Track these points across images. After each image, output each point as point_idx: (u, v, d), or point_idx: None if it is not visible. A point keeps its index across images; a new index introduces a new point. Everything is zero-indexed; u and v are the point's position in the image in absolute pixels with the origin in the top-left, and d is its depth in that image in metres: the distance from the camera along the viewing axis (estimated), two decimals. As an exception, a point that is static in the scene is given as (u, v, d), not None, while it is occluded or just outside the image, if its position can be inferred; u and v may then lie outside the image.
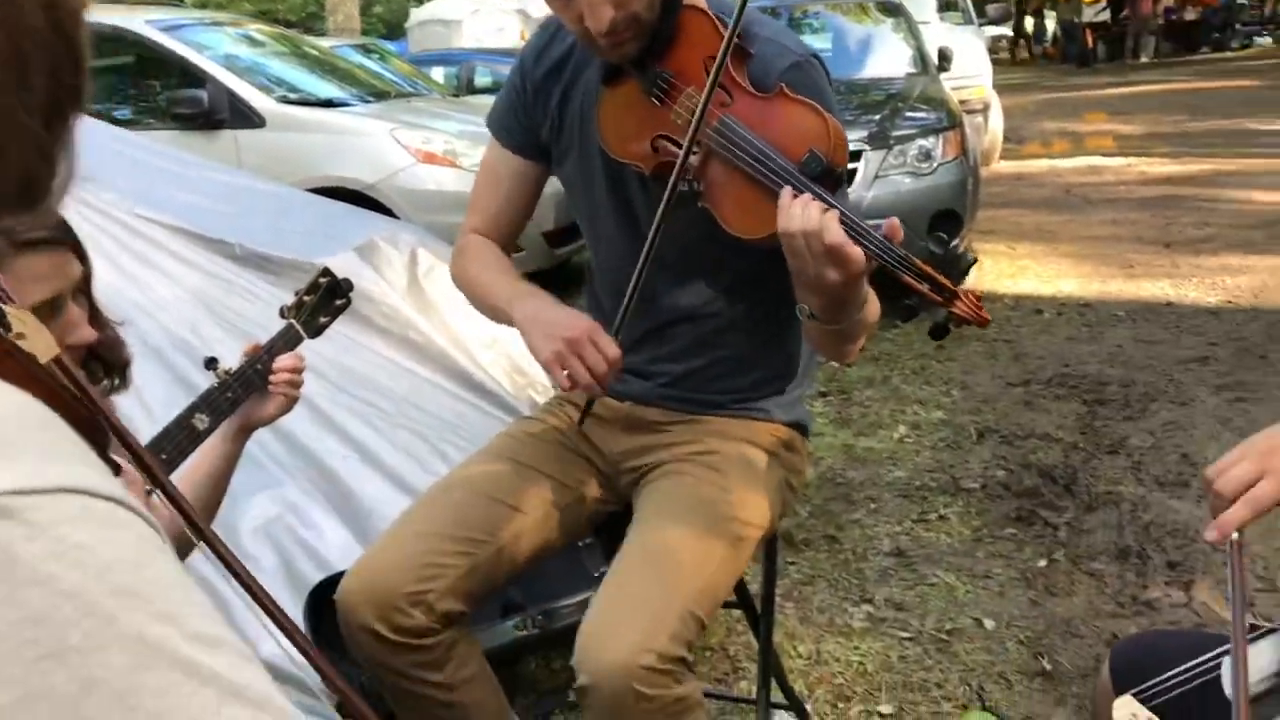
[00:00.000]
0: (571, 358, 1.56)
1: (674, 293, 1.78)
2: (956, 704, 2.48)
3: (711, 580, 1.60)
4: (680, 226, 1.69)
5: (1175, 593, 2.94)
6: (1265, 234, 7.56)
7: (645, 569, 1.57)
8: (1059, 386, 4.69)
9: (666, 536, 1.62)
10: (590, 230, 1.85)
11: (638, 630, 1.47)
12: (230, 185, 3.98)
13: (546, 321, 1.61)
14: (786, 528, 3.36)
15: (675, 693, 1.48)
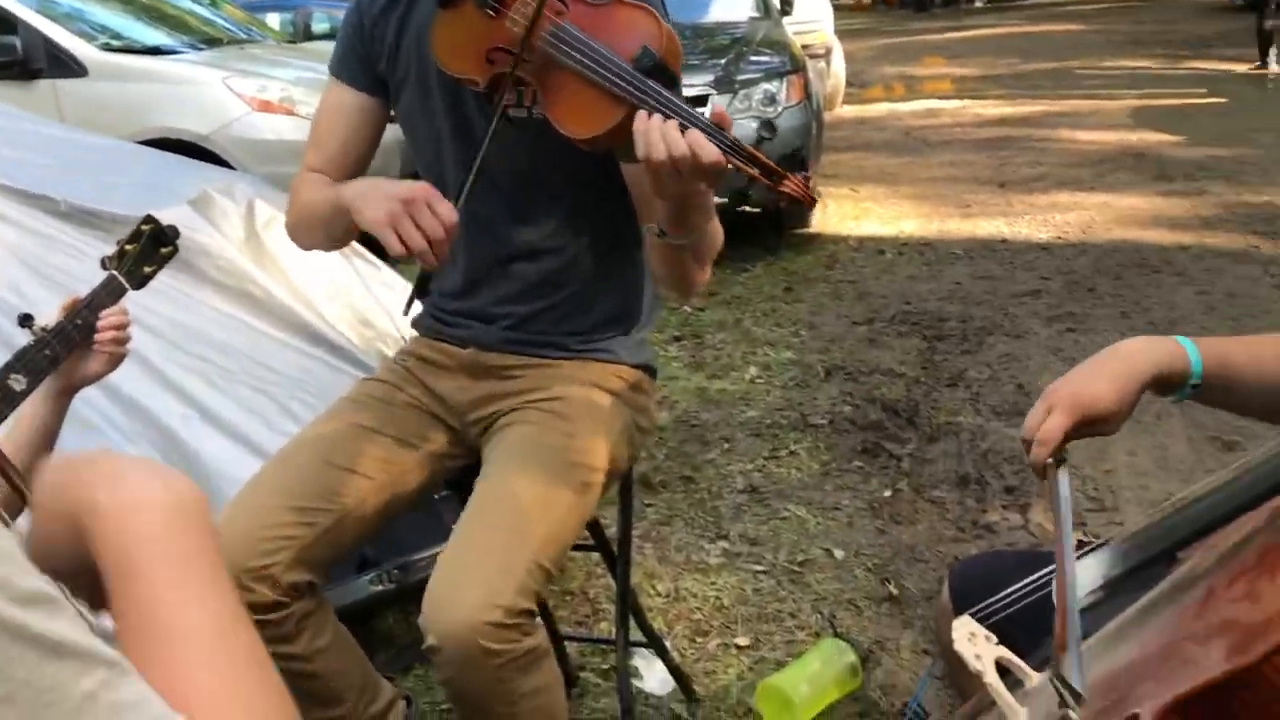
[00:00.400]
0: (404, 219, 1.49)
1: (513, 226, 1.76)
2: (809, 632, 2.56)
3: (558, 529, 1.59)
4: (516, 150, 1.67)
5: (1013, 516, 3.08)
6: (1092, 172, 7.92)
7: (489, 524, 1.56)
8: (901, 324, 4.84)
9: (510, 489, 1.61)
10: (432, 166, 1.80)
11: (482, 587, 1.46)
12: (52, 138, 3.78)
13: (378, 188, 1.56)
14: (643, 471, 3.39)
15: (524, 645, 1.48)
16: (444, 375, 1.82)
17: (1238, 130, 9.16)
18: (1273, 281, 5.16)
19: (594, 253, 1.79)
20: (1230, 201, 6.79)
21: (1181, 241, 5.94)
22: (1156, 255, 5.69)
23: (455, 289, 1.83)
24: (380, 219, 1.50)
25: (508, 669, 1.47)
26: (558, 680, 1.59)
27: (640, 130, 1.39)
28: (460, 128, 1.73)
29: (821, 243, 6.34)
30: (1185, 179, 7.49)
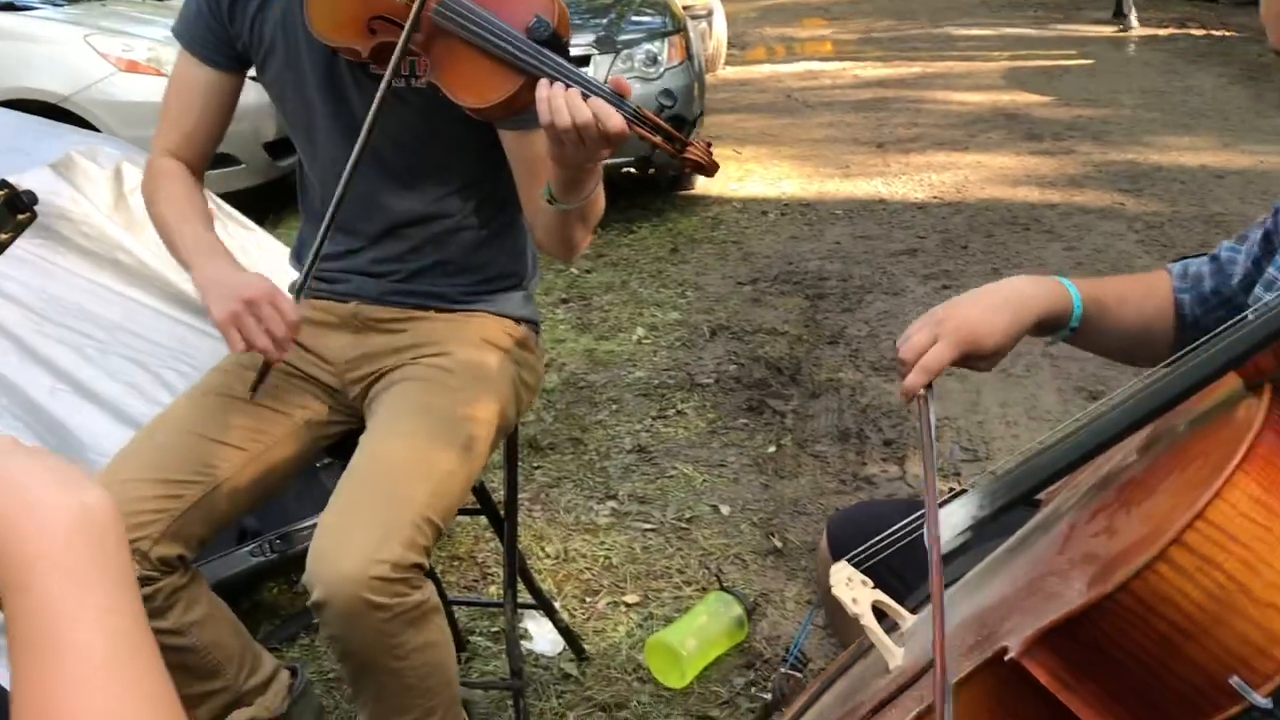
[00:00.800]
0: (247, 318, 1.51)
1: (401, 197, 1.73)
2: (697, 587, 2.60)
3: (445, 483, 1.58)
4: (400, 124, 1.64)
5: (891, 468, 3.17)
6: (966, 133, 8.10)
7: (375, 478, 1.55)
8: (784, 283, 4.91)
9: (395, 444, 1.60)
10: (305, 139, 1.76)
11: (369, 540, 1.44)
12: (-105, 100, 3.58)
13: (225, 283, 1.55)
14: (531, 433, 3.39)
15: (411, 600, 1.47)
16: (325, 332, 1.79)
17: (1103, 91, 9.47)
18: (1137, 237, 5.37)
19: (479, 217, 1.78)
20: (1097, 160, 7.02)
21: (1050, 199, 6.13)
22: (1027, 213, 5.86)
23: (338, 252, 1.79)
24: (223, 319, 1.52)
25: (395, 623, 1.45)
26: (447, 637, 1.58)
27: (543, 98, 1.37)
28: (335, 98, 1.69)
29: (706, 204, 6.37)
30: (1054, 139, 7.72)
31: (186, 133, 1.76)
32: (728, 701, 2.21)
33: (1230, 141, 7.40)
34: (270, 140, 5.84)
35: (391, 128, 1.64)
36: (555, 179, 1.50)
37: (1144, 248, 5.20)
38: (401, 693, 1.53)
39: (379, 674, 1.51)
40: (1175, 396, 0.97)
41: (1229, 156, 6.98)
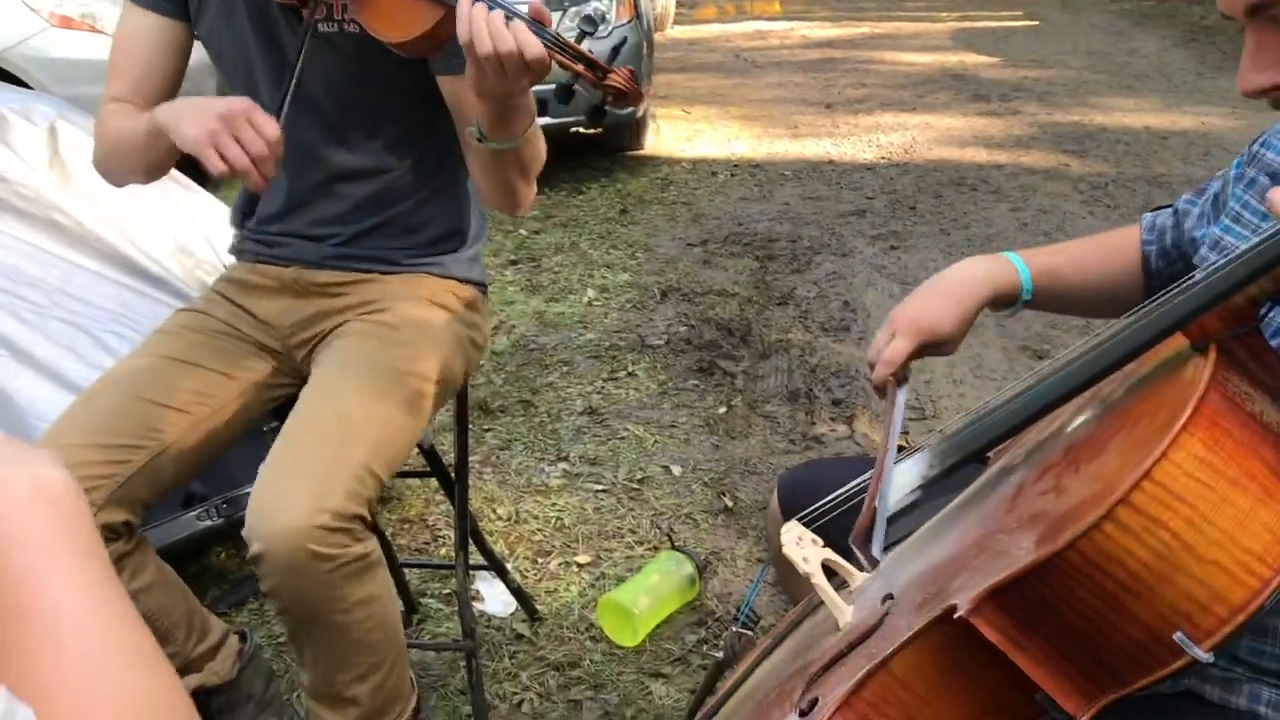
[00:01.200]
0: (225, 135, 1.40)
1: (336, 150, 1.70)
2: (649, 546, 2.61)
3: (389, 435, 1.55)
4: (333, 70, 1.61)
5: (840, 427, 3.19)
6: (914, 93, 8.14)
7: (316, 429, 1.52)
8: (734, 244, 4.91)
9: (337, 394, 1.57)
10: (244, 91, 1.71)
11: (310, 491, 1.42)
12: None
13: (196, 105, 1.46)
14: (482, 396, 3.37)
15: (354, 551, 1.45)
16: (266, 297, 1.75)
17: (1049, 52, 9.54)
18: (1081, 197, 5.43)
19: (419, 172, 1.75)
20: (1042, 121, 7.09)
21: (997, 160, 6.18)
22: (974, 174, 5.90)
23: (276, 211, 1.76)
24: (200, 137, 1.41)
25: (337, 575, 1.43)
26: (391, 592, 1.57)
27: (464, 17, 1.33)
28: (270, 48, 1.65)
29: (655, 164, 6.35)
30: (1000, 100, 7.77)
31: (134, 81, 1.69)
32: (680, 659, 2.22)
33: (1174, 103, 7.49)
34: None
35: (323, 73, 1.61)
36: (482, 114, 1.46)
37: (1088, 208, 5.26)
38: (345, 648, 1.51)
39: (322, 629, 1.48)
40: (1122, 357, 0.98)
41: (1173, 118, 7.07)
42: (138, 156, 1.64)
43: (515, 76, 1.35)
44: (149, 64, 1.70)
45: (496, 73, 1.35)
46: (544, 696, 2.14)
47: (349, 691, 1.55)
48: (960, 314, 1.32)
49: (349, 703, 1.56)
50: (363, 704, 1.56)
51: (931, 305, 1.32)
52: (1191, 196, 1.40)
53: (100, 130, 1.70)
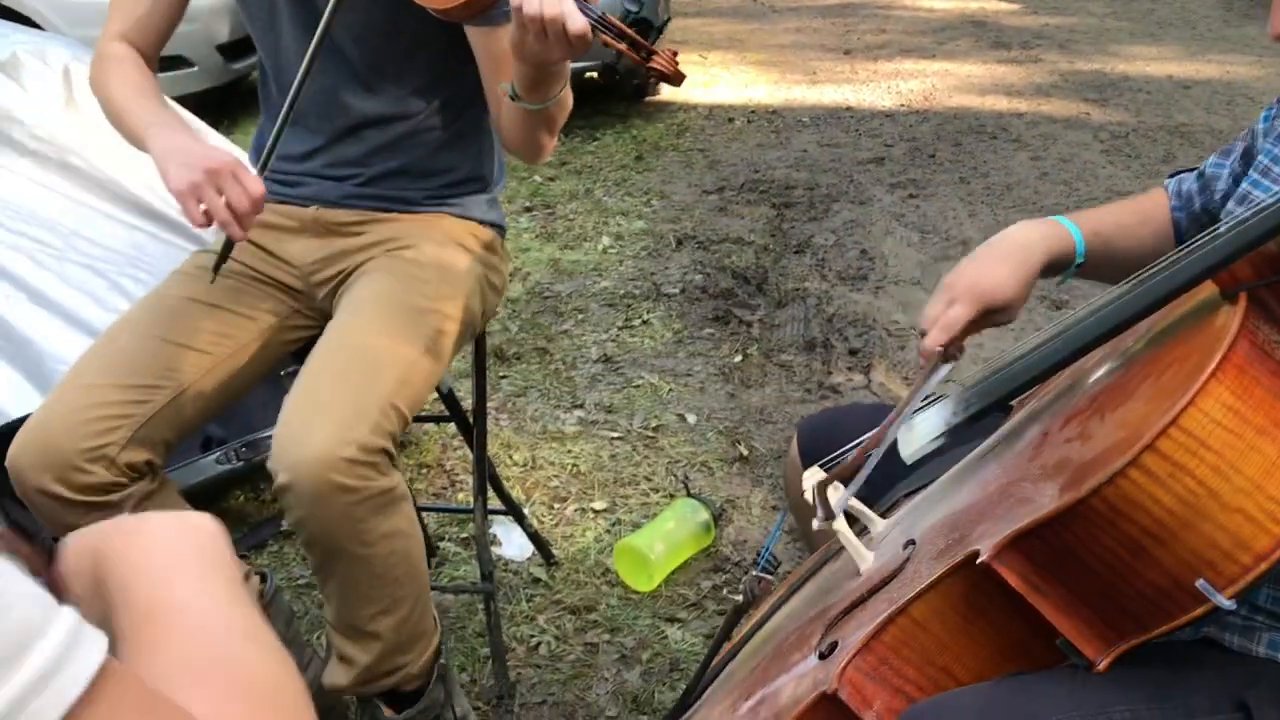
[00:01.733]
0: (208, 188, 1.43)
1: (361, 96, 1.69)
2: (664, 494, 2.62)
3: (411, 371, 1.56)
4: (361, 19, 1.60)
5: (856, 376, 3.18)
6: (934, 39, 8.03)
7: (341, 364, 1.52)
8: (750, 192, 4.88)
9: (362, 331, 1.57)
10: (267, 33, 1.70)
11: (335, 423, 1.43)
12: None
13: (186, 151, 1.47)
14: (498, 343, 3.38)
15: (379, 484, 1.46)
16: (287, 237, 1.75)
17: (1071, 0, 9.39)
18: (1102, 146, 5.37)
19: (443, 117, 1.74)
20: (1064, 69, 6.99)
21: (1018, 108, 6.10)
22: (994, 122, 5.84)
23: (297, 153, 1.75)
24: (183, 189, 1.44)
25: (362, 508, 1.44)
26: (415, 528, 1.57)
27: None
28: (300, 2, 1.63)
29: (671, 111, 6.29)
30: (1021, 47, 7.67)
31: (138, 17, 1.69)
32: (695, 604, 2.24)
33: (1197, 51, 7.39)
34: (224, 42, 5.68)
35: (353, 23, 1.60)
36: (518, 75, 1.46)
37: (1108, 158, 5.20)
38: (368, 581, 1.53)
39: (345, 560, 1.50)
40: (1151, 304, 0.97)
41: (1196, 66, 6.97)
42: (121, 131, 1.67)
43: (556, 44, 1.34)
44: (149, 5, 1.69)
45: (539, 37, 1.33)
46: (561, 639, 2.16)
47: (371, 626, 1.56)
48: (1022, 277, 1.25)
49: (371, 637, 1.57)
50: (385, 639, 1.58)
51: (991, 269, 1.24)
52: (1218, 159, 1.36)
53: (100, 70, 1.69)
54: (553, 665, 2.09)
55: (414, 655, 1.63)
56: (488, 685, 2.03)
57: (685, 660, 2.09)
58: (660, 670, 2.07)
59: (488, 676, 2.04)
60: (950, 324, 1.22)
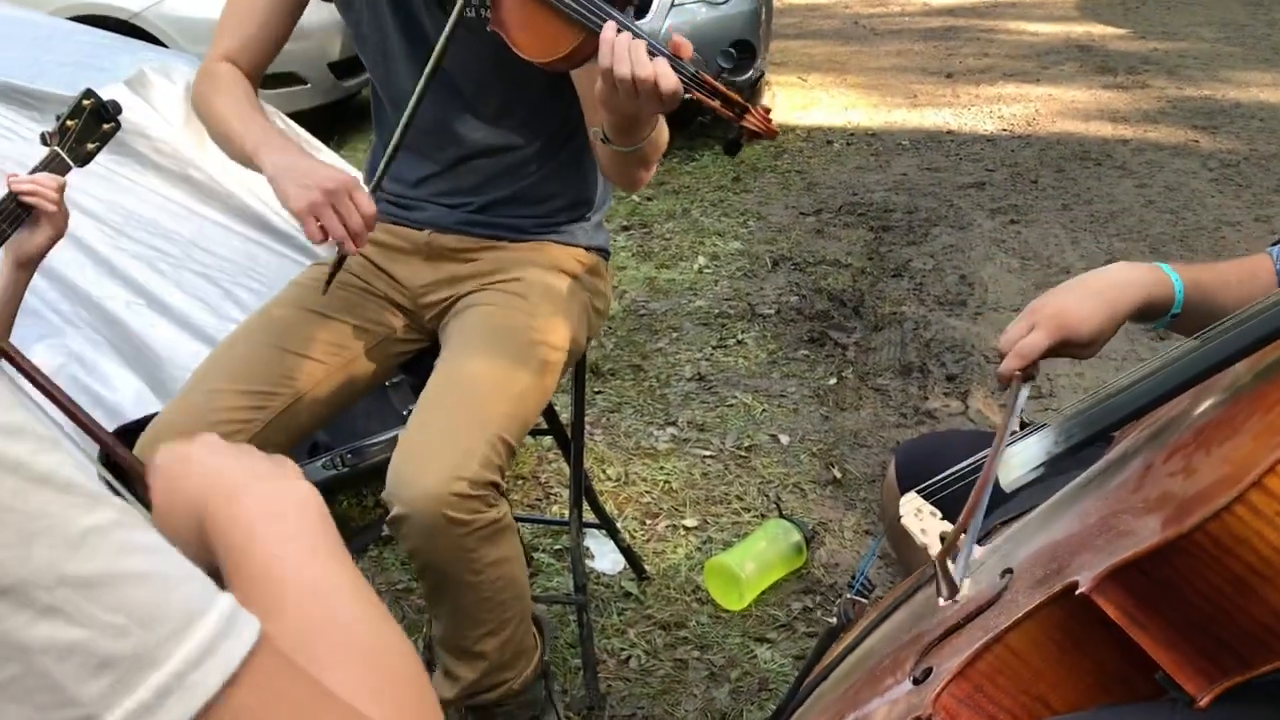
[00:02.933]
0: (326, 208, 1.49)
1: (471, 127, 1.74)
2: (755, 514, 2.63)
3: (519, 406, 1.61)
4: (471, 55, 1.65)
5: (953, 403, 3.16)
6: (1038, 64, 7.92)
7: (453, 399, 1.58)
8: (848, 214, 4.87)
9: (472, 366, 1.63)
10: (379, 61, 1.76)
11: (448, 459, 1.48)
12: (-25, 12, 3.63)
13: (303, 170, 1.52)
14: (593, 359, 3.42)
15: (488, 516, 1.51)
16: (400, 259, 1.81)
17: (1181, 23, 9.19)
18: (1210, 175, 5.25)
19: (550, 147, 1.78)
20: (1172, 95, 6.84)
21: (1123, 135, 5.99)
22: (1098, 148, 5.74)
23: (413, 179, 1.81)
24: (302, 207, 1.49)
25: (472, 538, 1.50)
26: (520, 553, 1.63)
27: (607, 40, 1.35)
28: (408, 24, 1.68)
29: (769, 132, 6.30)
30: (1128, 72, 7.52)
31: (245, 39, 1.73)
32: (785, 625, 2.25)
33: (1314, 78, 7.17)
34: (335, 60, 5.85)
35: (464, 59, 1.64)
36: (608, 123, 1.49)
37: (1217, 187, 5.08)
38: (477, 605, 1.58)
39: (456, 587, 1.56)
40: (1260, 339, 0.97)
41: (1312, 94, 6.77)
42: (227, 149, 1.71)
43: (648, 102, 1.36)
44: (259, 26, 1.73)
45: (629, 96, 1.36)
46: (651, 654, 2.18)
47: (477, 646, 1.62)
48: (1108, 317, 1.23)
49: (477, 656, 1.63)
50: (490, 658, 1.63)
51: (1079, 302, 1.23)
52: None
53: (205, 88, 1.72)
54: (642, 679, 2.12)
55: (516, 672, 1.68)
56: (578, 695, 2.06)
57: (774, 680, 2.09)
58: (749, 689, 2.08)
59: (579, 687, 2.07)
60: (1026, 351, 1.23)
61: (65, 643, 0.39)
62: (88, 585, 0.40)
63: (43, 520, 0.39)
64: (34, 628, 0.38)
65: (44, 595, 0.39)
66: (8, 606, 0.38)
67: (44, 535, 0.39)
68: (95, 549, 0.40)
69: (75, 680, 0.39)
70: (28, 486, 0.40)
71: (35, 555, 0.39)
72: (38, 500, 0.40)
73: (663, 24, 5.64)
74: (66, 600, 0.39)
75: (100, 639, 0.39)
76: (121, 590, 0.41)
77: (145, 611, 0.41)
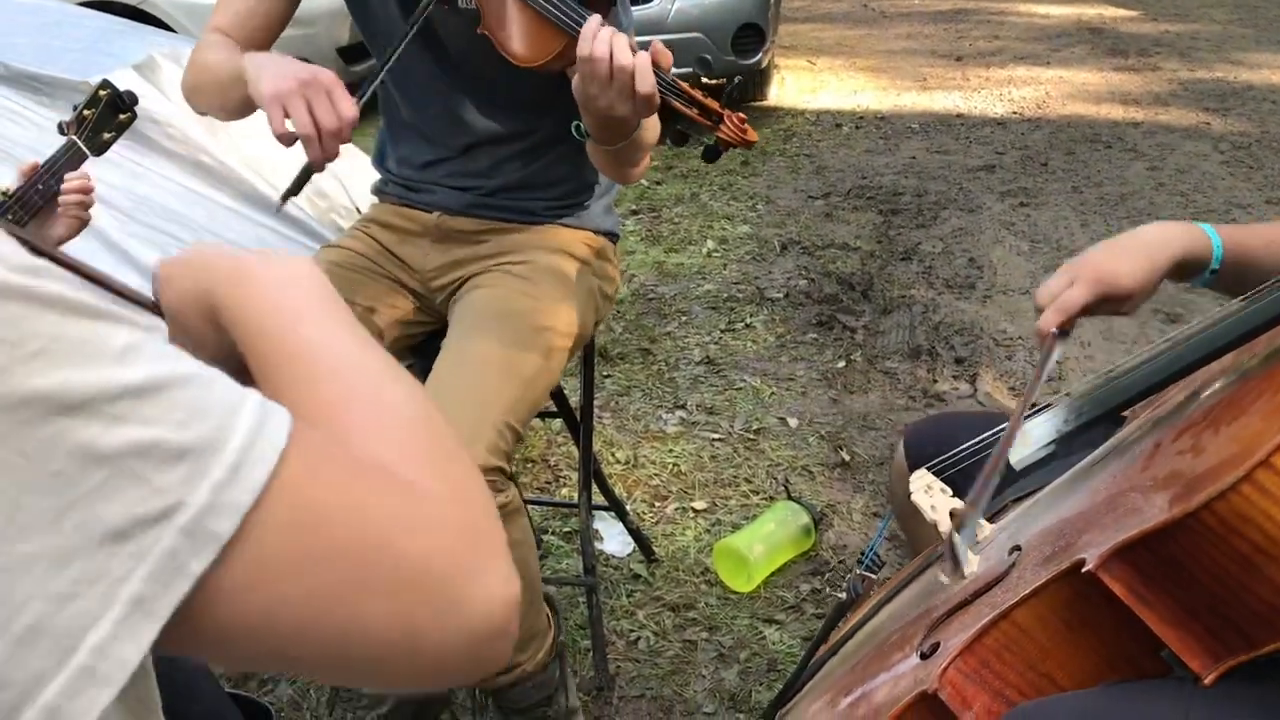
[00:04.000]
0: (296, 97, 1.38)
1: (480, 115, 1.73)
2: (764, 497, 2.64)
3: (526, 390, 1.61)
4: (477, 46, 1.64)
5: (962, 385, 3.16)
6: (1048, 46, 7.89)
7: (459, 384, 1.57)
8: (857, 198, 4.86)
9: (478, 350, 1.62)
10: (377, 43, 1.76)
11: None
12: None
13: (281, 64, 1.43)
14: (602, 343, 3.42)
15: (495, 501, 1.51)
16: (409, 240, 1.82)
17: (1192, 5, 9.13)
18: (1222, 158, 5.23)
19: (556, 134, 1.78)
20: (1183, 78, 6.81)
21: (1134, 117, 5.97)
22: (1109, 131, 5.72)
23: (423, 161, 1.81)
24: (269, 93, 1.39)
25: None
26: (529, 538, 1.63)
27: (589, 33, 1.34)
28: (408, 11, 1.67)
29: (779, 116, 6.29)
30: (1139, 54, 7.49)
31: (240, 15, 1.66)
32: (794, 607, 2.25)
33: (1327, 60, 7.13)
34: (344, 45, 5.85)
35: (468, 50, 1.64)
36: (588, 122, 1.47)
37: (1229, 169, 5.06)
38: None
39: None
40: (1270, 320, 0.97)
41: (1325, 76, 6.74)
42: (218, 93, 1.62)
43: (620, 98, 1.35)
44: (256, 2, 1.67)
45: (603, 85, 1.34)
46: (660, 635, 2.19)
47: None
48: (1148, 270, 1.23)
49: None
50: None
51: (1117, 257, 1.24)
52: None
53: (194, 57, 1.67)
54: (651, 660, 2.13)
55: (529, 654, 1.69)
56: (588, 676, 2.07)
57: (783, 661, 2.10)
58: (758, 670, 2.09)
59: (588, 668, 2.08)
60: (1067, 304, 1.22)
61: (141, 442, 0.43)
62: (142, 392, 0.44)
63: (88, 344, 0.44)
64: (110, 435, 0.43)
65: (108, 406, 0.43)
66: (83, 420, 0.42)
67: (93, 356, 0.44)
68: (137, 360, 0.45)
69: (157, 471, 0.44)
70: (66, 317, 0.44)
71: (91, 374, 0.43)
72: (77, 328, 0.44)
73: (671, 6, 5.63)
74: (130, 407, 0.44)
75: (168, 434, 0.44)
76: (170, 392, 0.45)
77: (195, 406, 0.46)
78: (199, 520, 0.44)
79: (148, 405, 0.44)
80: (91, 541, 0.42)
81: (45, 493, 0.41)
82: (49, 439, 0.41)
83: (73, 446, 0.42)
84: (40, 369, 0.42)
